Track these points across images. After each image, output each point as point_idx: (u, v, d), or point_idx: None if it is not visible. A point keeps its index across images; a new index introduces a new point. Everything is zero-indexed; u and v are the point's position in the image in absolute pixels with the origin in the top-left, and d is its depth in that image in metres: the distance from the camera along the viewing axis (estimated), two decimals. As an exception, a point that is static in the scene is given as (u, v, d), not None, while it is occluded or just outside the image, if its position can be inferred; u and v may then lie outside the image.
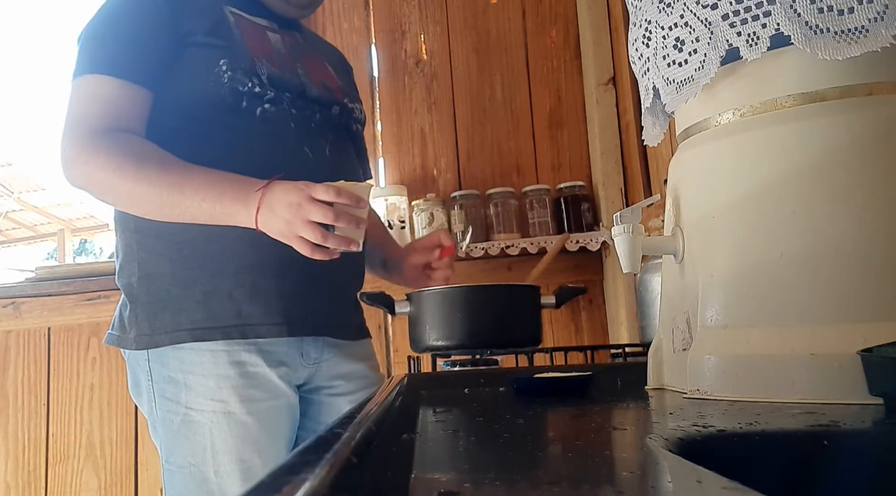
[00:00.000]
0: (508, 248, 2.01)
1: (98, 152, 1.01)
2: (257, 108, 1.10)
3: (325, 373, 1.17)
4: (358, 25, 2.25)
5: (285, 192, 0.97)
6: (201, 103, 1.08)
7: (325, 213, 0.95)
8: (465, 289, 1.10)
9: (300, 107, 1.15)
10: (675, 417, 0.54)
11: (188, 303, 1.06)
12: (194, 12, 1.10)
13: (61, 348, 2.03)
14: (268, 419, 1.08)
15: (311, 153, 1.14)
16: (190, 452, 1.05)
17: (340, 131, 1.23)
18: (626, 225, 0.73)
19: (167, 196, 1.00)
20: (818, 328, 0.59)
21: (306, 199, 0.96)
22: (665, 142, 0.88)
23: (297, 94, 1.15)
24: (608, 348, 1.45)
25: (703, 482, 0.29)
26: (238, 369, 1.05)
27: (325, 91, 1.21)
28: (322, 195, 0.96)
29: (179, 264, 1.07)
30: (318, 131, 1.17)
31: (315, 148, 1.15)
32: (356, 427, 0.38)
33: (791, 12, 0.62)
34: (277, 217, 0.97)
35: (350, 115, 1.25)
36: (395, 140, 2.20)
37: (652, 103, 0.79)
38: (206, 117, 1.08)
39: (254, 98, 1.10)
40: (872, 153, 0.61)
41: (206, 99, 1.08)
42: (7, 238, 9.04)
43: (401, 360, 2.02)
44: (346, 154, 1.25)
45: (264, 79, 1.11)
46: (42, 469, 1.98)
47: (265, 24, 1.20)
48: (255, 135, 1.10)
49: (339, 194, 0.96)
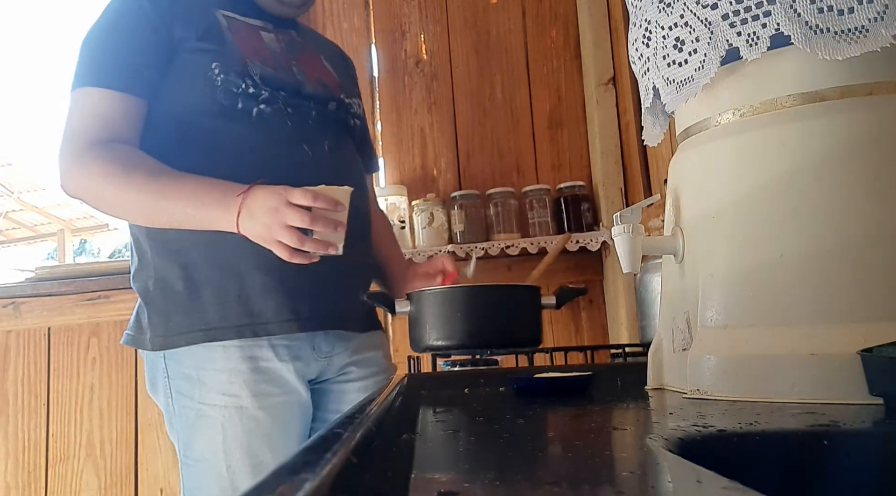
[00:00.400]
0: (508, 248, 2.01)
1: (89, 163, 1.05)
2: (253, 109, 1.11)
3: (336, 365, 1.19)
4: (358, 25, 2.25)
5: (265, 196, 0.99)
6: (198, 107, 1.10)
7: (301, 218, 0.97)
8: (466, 289, 1.10)
9: (296, 105, 1.15)
10: (675, 417, 0.54)
11: (201, 306, 1.08)
12: (187, 19, 1.12)
13: (61, 348, 2.03)
14: (280, 414, 1.09)
15: (310, 150, 1.15)
16: (204, 447, 1.07)
17: (339, 127, 1.24)
18: (626, 225, 0.73)
19: (154, 203, 1.04)
20: (818, 328, 0.59)
21: (284, 204, 0.97)
22: (665, 142, 0.88)
23: (293, 92, 1.16)
24: (608, 348, 1.45)
25: (703, 482, 0.29)
26: (250, 364, 1.07)
27: (321, 87, 1.22)
28: (299, 199, 0.97)
29: (191, 268, 1.09)
30: (315, 128, 1.17)
31: (313, 145, 1.16)
32: (356, 427, 0.38)
33: (791, 12, 0.62)
34: (257, 221, 0.99)
35: (347, 110, 1.26)
36: (395, 140, 2.20)
37: (652, 103, 0.79)
38: (203, 121, 1.10)
39: (249, 99, 1.11)
40: (872, 153, 0.61)
41: (202, 103, 1.10)
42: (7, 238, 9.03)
43: (401, 360, 2.01)
44: (347, 149, 1.25)
45: (257, 79, 1.12)
46: (42, 469, 1.98)
47: (259, 25, 1.21)
48: (253, 135, 1.11)
49: (316, 198, 0.97)
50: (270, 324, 1.09)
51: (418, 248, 2.07)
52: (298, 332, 1.10)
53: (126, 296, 2.00)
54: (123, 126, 1.08)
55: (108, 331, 2.02)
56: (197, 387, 1.07)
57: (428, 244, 2.06)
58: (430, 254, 2.04)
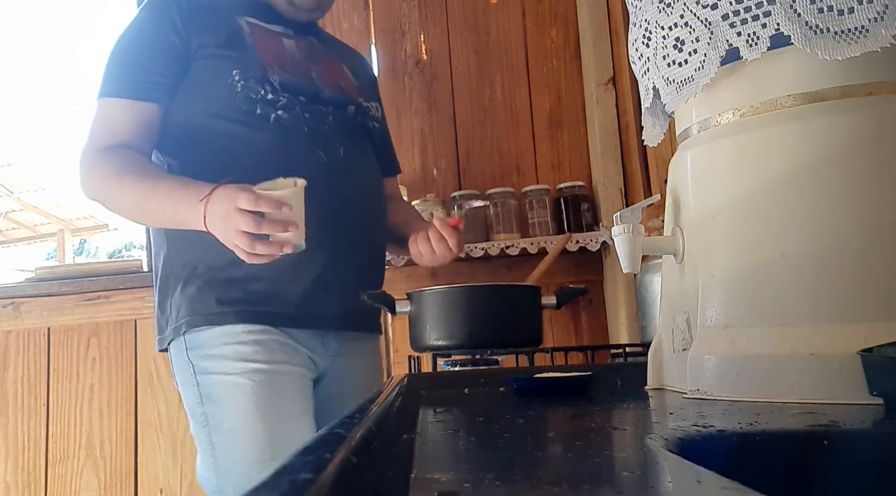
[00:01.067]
0: (508, 248, 2.00)
1: (93, 167, 1.14)
2: (271, 115, 1.16)
3: (340, 368, 1.24)
4: (358, 25, 2.25)
5: (219, 202, 1.02)
6: (218, 112, 1.15)
7: (248, 223, 0.99)
8: (466, 289, 1.10)
9: (313, 111, 1.19)
10: (675, 417, 0.54)
11: (216, 295, 1.13)
12: (209, 25, 1.18)
13: (61, 348, 2.03)
14: (302, 383, 1.15)
15: (325, 155, 1.18)
16: (235, 416, 1.10)
17: (356, 131, 1.27)
18: (626, 225, 0.73)
19: (142, 205, 1.10)
20: (818, 328, 0.59)
21: (234, 210, 1.00)
22: (665, 142, 0.88)
23: (311, 97, 1.20)
24: (608, 348, 1.45)
25: (703, 482, 0.29)
26: (272, 337, 1.13)
27: (339, 92, 1.25)
28: (244, 205, 0.99)
29: (208, 259, 1.14)
30: (331, 133, 1.21)
31: (329, 150, 1.19)
32: (356, 427, 0.38)
33: (791, 12, 0.62)
34: (217, 226, 1.03)
35: (366, 114, 1.29)
36: (395, 140, 2.19)
37: (652, 103, 0.79)
38: (222, 126, 1.15)
39: (267, 105, 1.15)
40: (873, 153, 0.61)
41: (222, 108, 1.15)
42: (7, 238, 9.03)
43: (401, 360, 2.02)
44: (363, 153, 1.28)
45: (276, 85, 1.16)
46: (42, 469, 1.98)
47: (281, 31, 1.26)
48: (269, 141, 1.15)
49: (257, 202, 0.99)
50: (279, 316, 1.14)
51: (418, 248, 2.07)
52: (308, 329, 1.16)
53: (126, 296, 2.00)
54: (133, 131, 1.14)
55: (108, 331, 2.02)
56: (222, 361, 1.11)
57: (428, 244, 2.06)
58: (430, 254, 2.04)
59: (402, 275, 2.02)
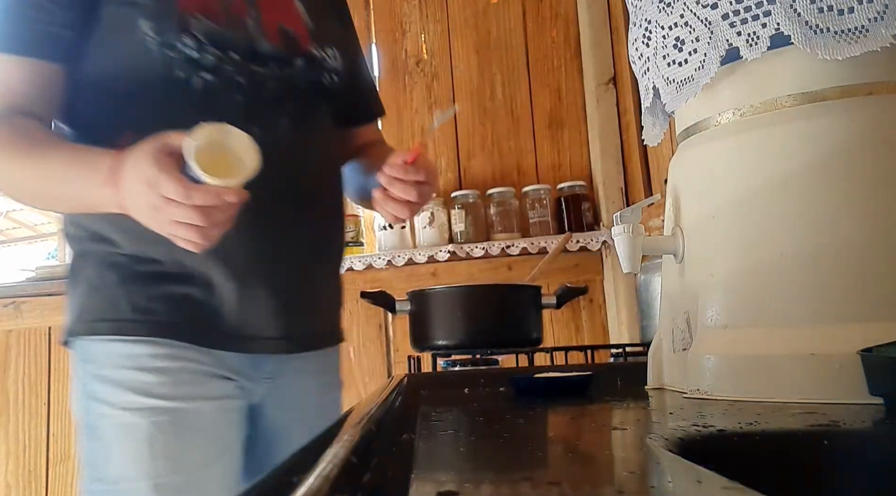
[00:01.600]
0: (508, 247, 2.01)
1: None
2: (193, 78, 0.90)
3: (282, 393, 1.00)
4: (358, 25, 2.23)
5: (136, 193, 0.78)
6: (128, 76, 0.90)
7: (186, 214, 0.76)
8: (466, 289, 1.10)
9: (249, 72, 0.93)
10: (675, 417, 0.54)
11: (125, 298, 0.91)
12: None
13: (62, 348, 2.01)
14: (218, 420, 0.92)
15: (263, 133, 0.86)
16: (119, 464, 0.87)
17: (308, 92, 0.99)
18: (626, 225, 0.73)
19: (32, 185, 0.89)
20: (818, 328, 0.59)
21: (163, 202, 0.75)
22: (665, 142, 0.88)
23: (246, 52, 0.93)
24: (608, 348, 1.45)
25: (703, 482, 0.30)
26: (181, 362, 0.89)
27: (284, 41, 0.97)
28: (172, 195, 0.75)
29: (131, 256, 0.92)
30: (273, 101, 0.95)
31: (268, 125, 0.93)
32: (356, 427, 0.38)
33: (791, 12, 0.62)
34: (144, 218, 0.80)
35: (321, 66, 1.00)
36: (395, 140, 2.20)
37: (652, 103, 0.79)
38: (135, 91, 0.90)
39: (189, 64, 0.89)
40: (872, 153, 0.61)
41: (132, 69, 0.90)
42: (7, 238, 9.03)
43: (401, 360, 2.02)
44: (316, 122, 1.01)
45: (200, 37, 0.90)
46: (42, 469, 1.98)
47: None
48: (190, 115, 0.82)
49: (189, 195, 0.74)
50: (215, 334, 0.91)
51: (418, 247, 2.07)
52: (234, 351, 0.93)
53: (126, 295, 2.00)
54: (30, 96, 0.89)
55: (109, 330, 2.02)
56: (115, 390, 0.88)
57: (428, 244, 2.06)
58: (430, 254, 2.05)
59: (402, 275, 2.03)
